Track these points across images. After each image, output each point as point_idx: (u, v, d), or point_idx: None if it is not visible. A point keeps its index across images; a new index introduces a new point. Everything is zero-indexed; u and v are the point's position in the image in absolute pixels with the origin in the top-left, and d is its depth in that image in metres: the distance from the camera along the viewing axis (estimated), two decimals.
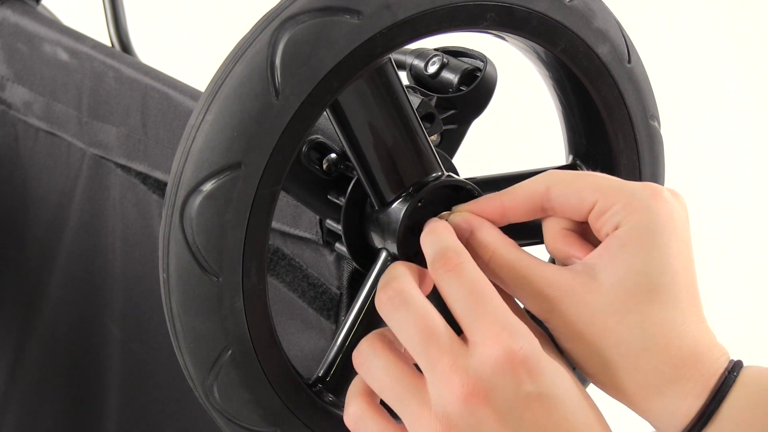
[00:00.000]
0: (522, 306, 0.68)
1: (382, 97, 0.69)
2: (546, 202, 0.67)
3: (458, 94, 0.76)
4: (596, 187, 0.66)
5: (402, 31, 0.66)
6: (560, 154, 0.79)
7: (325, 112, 0.68)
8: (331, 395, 0.72)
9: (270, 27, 0.65)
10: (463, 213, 0.69)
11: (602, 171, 0.76)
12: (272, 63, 0.64)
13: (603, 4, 0.74)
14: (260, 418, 0.69)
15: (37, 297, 1.04)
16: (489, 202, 0.68)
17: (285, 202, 0.80)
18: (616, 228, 0.65)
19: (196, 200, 0.65)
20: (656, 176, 0.77)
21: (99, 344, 1.01)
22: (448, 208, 0.71)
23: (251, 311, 0.67)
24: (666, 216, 0.65)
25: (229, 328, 0.67)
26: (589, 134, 0.76)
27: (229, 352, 0.67)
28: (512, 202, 0.68)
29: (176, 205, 0.66)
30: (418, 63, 0.78)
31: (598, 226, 0.66)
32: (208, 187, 0.65)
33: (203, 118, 0.65)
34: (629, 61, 0.74)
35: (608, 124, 0.75)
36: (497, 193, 0.68)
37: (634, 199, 0.65)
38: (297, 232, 0.80)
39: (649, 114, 0.76)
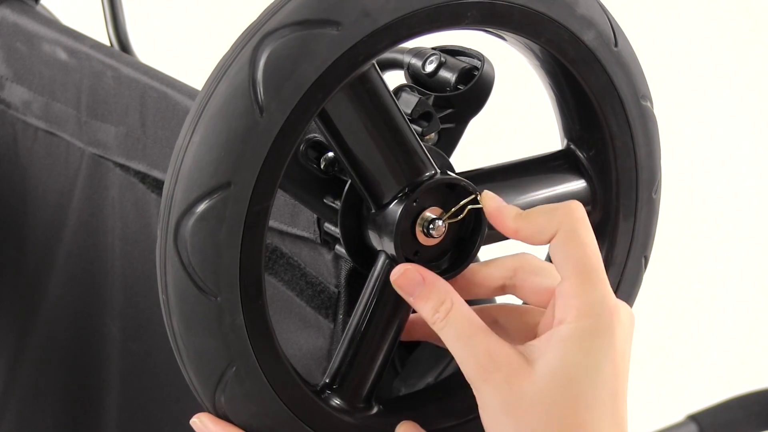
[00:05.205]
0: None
1: (368, 104, 0.69)
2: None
3: (456, 92, 0.76)
4: (579, 267, 0.68)
5: (383, 37, 0.66)
6: (556, 148, 0.79)
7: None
8: (338, 401, 0.72)
9: (250, 44, 0.65)
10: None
11: (597, 154, 0.77)
12: (254, 80, 0.64)
13: None
14: (270, 430, 0.69)
15: (36, 296, 1.04)
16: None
17: (283, 201, 0.80)
18: (563, 320, 0.67)
19: (189, 222, 0.65)
20: (652, 156, 0.77)
21: (98, 343, 1.01)
22: (444, 207, 0.71)
23: (252, 327, 0.67)
24: (611, 331, 0.67)
25: (232, 345, 0.67)
26: (582, 119, 0.76)
27: (234, 368, 0.67)
28: (523, 233, 0.70)
29: (170, 228, 0.66)
30: (416, 62, 0.78)
31: (556, 298, 0.68)
32: (199, 208, 0.65)
33: (190, 139, 0.65)
34: (616, 45, 0.74)
35: (600, 108, 0.75)
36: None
37: (591, 305, 0.67)
38: (295, 231, 0.80)
39: (641, 95, 0.76)
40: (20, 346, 1.06)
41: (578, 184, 0.77)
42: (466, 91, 0.76)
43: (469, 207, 0.71)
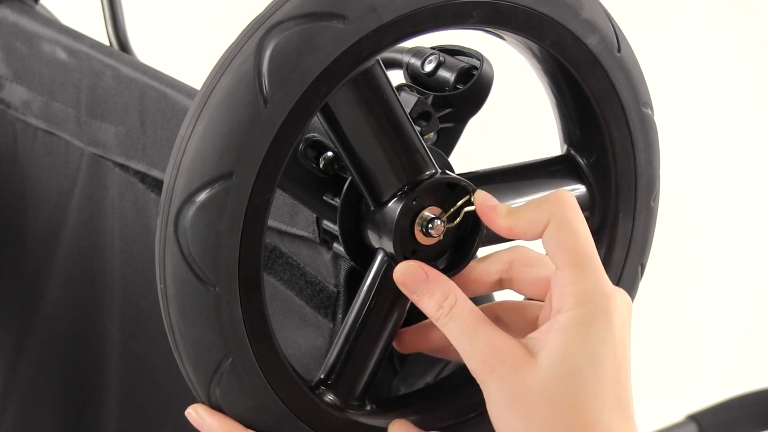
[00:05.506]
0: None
1: (371, 100, 0.69)
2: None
3: (455, 92, 0.76)
4: (573, 256, 0.69)
5: (388, 33, 0.67)
6: (555, 149, 0.79)
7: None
8: (333, 397, 0.72)
9: (256, 35, 0.65)
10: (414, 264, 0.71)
11: (597, 160, 0.77)
12: (259, 71, 0.65)
13: None
14: (263, 424, 0.69)
15: (36, 296, 1.04)
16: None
17: (282, 200, 0.80)
18: (561, 309, 0.68)
19: (190, 211, 0.65)
20: (651, 163, 0.77)
21: (98, 343, 1.01)
22: (443, 206, 0.71)
23: (249, 319, 0.67)
24: (609, 317, 0.67)
25: (229, 336, 0.67)
26: (582, 124, 0.76)
27: (230, 360, 0.67)
28: (516, 229, 0.70)
29: (170, 217, 0.66)
30: (415, 61, 0.78)
31: (552, 289, 0.69)
32: (200, 197, 0.65)
33: (193, 129, 0.65)
34: (619, 51, 0.74)
35: (601, 113, 0.75)
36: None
37: (586, 292, 0.68)
38: (294, 230, 0.80)
39: (642, 102, 0.76)
40: (20, 345, 1.06)
41: (577, 190, 0.77)
42: (465, 91, 0.76)
43: (465, 210, 0.71)
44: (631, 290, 0.79)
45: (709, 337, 2.20)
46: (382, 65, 0.69)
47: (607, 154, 0.76)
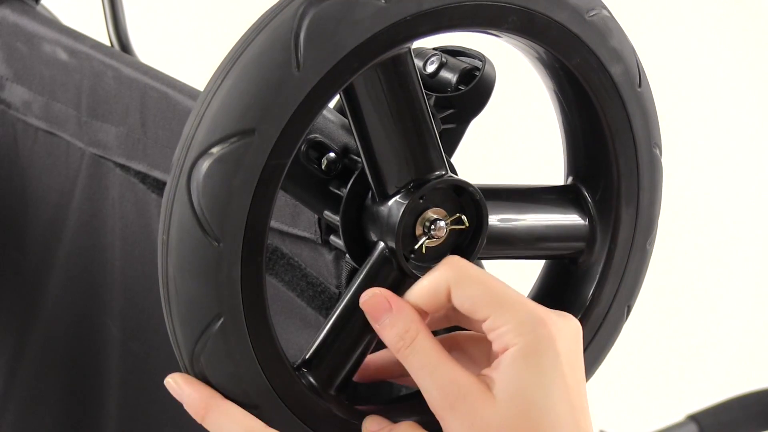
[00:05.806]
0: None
1: (397, 87, 0.69)
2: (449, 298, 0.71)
3: (457, 93, 0.76)
4: (490, 301, 0.68)
5: (425, 21, 0.67)
6: (555, 150, 0.79)
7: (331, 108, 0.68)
8: (313, 380, 0.72)
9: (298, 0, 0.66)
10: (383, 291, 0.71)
11: (601, 195, 0.77)
12: (297, 35, 0.65)
13: (619, 25, 0.74)
14: (242, 394, 0.69)
15: (36, 297, 1.04)
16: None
17: (284, 201, 0.80)
18: (506, 347, 0.68)
19: (206, 163, 0.66)
20: (653, 206, 0.77)
21: (98, 343, 1.01)
22: (447, 209, 0.71)
23: (247, 282, 0.67)
24: (552, 342, 0.68)
25: (223, 296, 0.67)
26: (591, 155, 0.76)
27: (220, 321, 0.67)
28: (419, 302, 0.70)
29: (184, 167, 0.66)
30: (417, 62, 0.78)
31: (490, 338, 0.69)
32: (219, 150, 0.65)
33: (221, 82, 0.66)
34: (640, 86, 0.75)
35: (612, 146, 0.75)
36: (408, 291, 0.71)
37: (523, 324, 0.68)
38: (296, 231, 0.80)
39: (653, 141, 0.76)
40: (20, 346, 1.06)
41: (578, 221, 0.78)
42: (467, 92, 0.76)
43: (452, 227, 0.71)
44: (615, 330, 0.79)
45: (709, 337, 2.20)
46: (413, 56, 0.70)
47: (612, 189, 0.76)
